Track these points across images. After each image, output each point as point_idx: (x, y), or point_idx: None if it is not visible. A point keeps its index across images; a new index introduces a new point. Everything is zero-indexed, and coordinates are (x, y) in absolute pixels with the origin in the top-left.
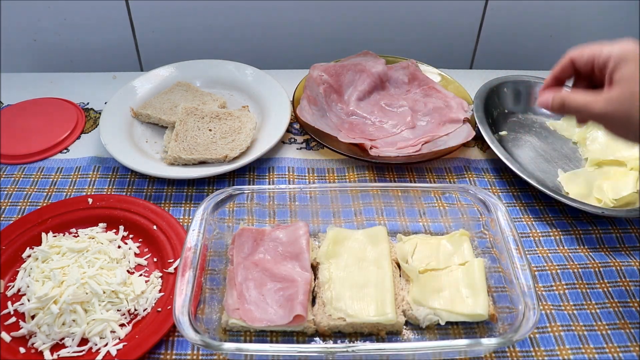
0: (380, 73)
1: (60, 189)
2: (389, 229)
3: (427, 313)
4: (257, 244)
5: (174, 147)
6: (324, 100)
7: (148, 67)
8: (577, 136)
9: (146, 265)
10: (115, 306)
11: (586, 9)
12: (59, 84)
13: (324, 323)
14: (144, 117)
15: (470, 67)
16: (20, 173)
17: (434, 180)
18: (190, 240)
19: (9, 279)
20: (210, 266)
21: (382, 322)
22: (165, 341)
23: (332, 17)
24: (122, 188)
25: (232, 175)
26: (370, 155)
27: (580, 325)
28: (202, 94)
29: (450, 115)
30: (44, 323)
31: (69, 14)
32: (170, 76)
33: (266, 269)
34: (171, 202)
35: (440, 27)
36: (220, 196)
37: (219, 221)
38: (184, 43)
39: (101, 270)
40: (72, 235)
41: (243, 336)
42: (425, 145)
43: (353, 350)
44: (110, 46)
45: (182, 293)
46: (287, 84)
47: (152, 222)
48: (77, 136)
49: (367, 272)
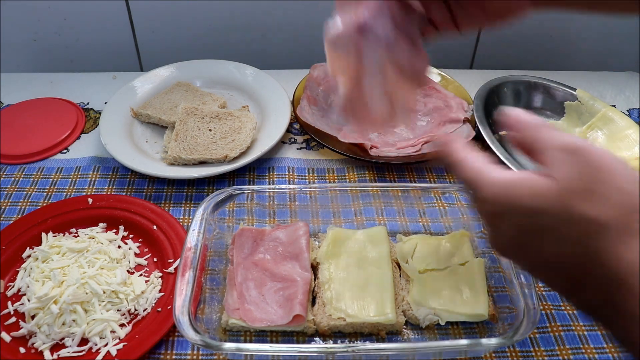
0: None
1: (60, 189)
2: (389, 229)
3: (427, 313)
4: (257, 244)
5: (174, 147)
6: (324, 100)
7: (148, 67)
8: (578, 136)
9: (146, 265)
10: (115, 306)
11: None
12: (58, 84)
13: (324, 323)
14: (144, 117)
15: (470, 67)
16: (20, 173)
17: (434, 180)
18: (190, 240)
19: (9, 279)
20: (210, 266)
21: (382, 322)
22: (165, 341)
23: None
24: (122, 188)
25: (232, 175)
26: (370, 155)
27: (580, 325)
28: (202, 94)
29: (450, 115)
30: (44, 323)
31: (69, 14)
32: (170, 76)
33: (266, 269)
34: (171, 202)
35: None
36: (220, 196)
37: (219, 221)
38: (184, 43)
39: (101, 270)
40: (72, 235)
41: (243, 336)
42: (425, 145)
43: (353, 350)
44: (110, 46)
45: (182, 293)
46: (287, 84)
47: (152, 222)
48: (77, 136)
49: (367, 272)
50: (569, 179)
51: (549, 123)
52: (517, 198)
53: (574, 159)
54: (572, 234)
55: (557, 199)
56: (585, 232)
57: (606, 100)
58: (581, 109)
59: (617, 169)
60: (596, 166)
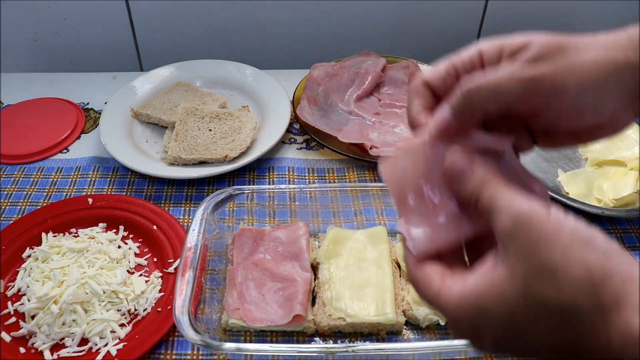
0: (380, 73)
1: (60, 189)
2: (389, 229)
3: (427, 313)
4: (257, 244)
5: (174, 147)
6: (324, 100)
7: (148, 67)
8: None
9: (146, 265)
10: (115, 306)
11: (586, 8)
12: (59, 84)
13: (324, 323)
14: (144, 117)
15: None
16: (20, 173)
17: None
18: (190, 240)
19: (9, 279)
20: (210, 266)
21: (382, 322)
22: (165, 341)
23: (332, 17)
24: (122, 188)
25: (232, 175)
26: (370, 155)
27: None
28: (202, 94)
29: None
30: (44, 323)
31: (69, 14)
32: (170, 76)
33: (266, 269)
34: (171, 202)
35: (440, 27)
36: (220, 196)
37: (219, 221)
38: (184, 43)
39: (101, 270)
40: (72, 235)
41: (243, 336)
42: None
43: (353, 350)
44: (110, 46)
45: (182, 293)
46: (287, 84)
47: (152, 222)
48: (77, 136)
49: (367, 272)
50: (520, 263)
51: None
52: (485, 311)
53: (522, 233)
54: (551, 324)
55: (520, 294)
56: (562, 322)
57: None
58: None
59: (565, 237)
60: (545, 238)
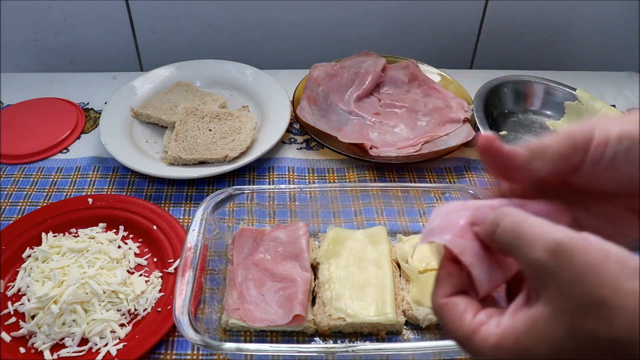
0: (380, 73)
1: (60, 189)
2: (389, 229)
3: (427, 313)
4: (257, 244)
5: (174, 147)
6: (324, 100)
7: (148, 67)
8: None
9: (146, 265)
10: (115, 306)
11: (586, 8)
12: (59, 84)
13: (324, 323)
14: (144, 117)
15: (470, 67)
16: (20, 173)
17: (434, 180)
18: (190, 240)
19: (9, 279)
20: (210, 266)
21: (382, 322)
22: (165, 341)
23: (332, 17)
24: (122, 188)
25: (232, 175)
26: (370, 155)
27: None
28: (202, 94)
29: (450, 115)
30: (44, 323)
31: (69, 14)
32: (170, 76)
33: (266, 269)
34: (171, 202)
35: (440, 27)
36: (220, 196)
37: (219, 221)
38: (184, 43)
39: (101, 270)
40: (72, 235)
41: (243, 336)
42: (425, 145)
43: (353, 350)
44: (110, 46)
45: (182, 293)
46: (287, 84)
47: (152, 222)
48: (77, 136)
49: (367, 272)
50: (565, 299)
51: None
52: (528, 352)
53: (564, 266)
54: (599, 357)
55: (568, 333)
56: (616, 356)
57: (606, 100)
58: (581, 109)
59: (612, 267)
60: (593, 270)
